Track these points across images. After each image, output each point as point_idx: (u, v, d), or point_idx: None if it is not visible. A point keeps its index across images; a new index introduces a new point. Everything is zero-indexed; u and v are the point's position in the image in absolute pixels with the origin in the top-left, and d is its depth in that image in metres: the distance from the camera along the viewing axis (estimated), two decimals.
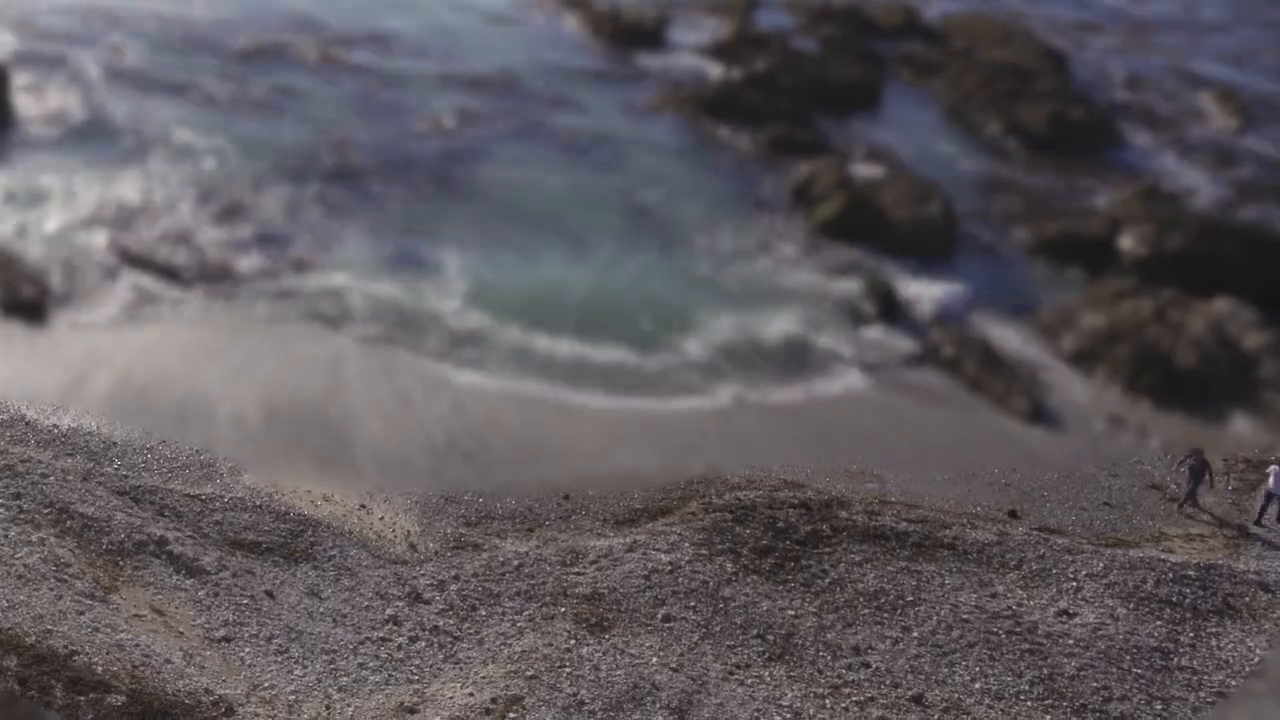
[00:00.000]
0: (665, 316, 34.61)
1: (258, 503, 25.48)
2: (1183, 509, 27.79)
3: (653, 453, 28.91)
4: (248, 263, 35.01)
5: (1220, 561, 26.08)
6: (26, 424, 27.23)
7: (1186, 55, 59.38)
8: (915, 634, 23.42)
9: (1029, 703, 22.15)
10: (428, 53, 50.11)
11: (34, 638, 19.98)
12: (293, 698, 20.85)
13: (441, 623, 23.05)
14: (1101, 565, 25.40)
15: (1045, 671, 22.79)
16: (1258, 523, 27.27)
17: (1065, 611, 24.21)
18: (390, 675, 21.70)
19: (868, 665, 22.67)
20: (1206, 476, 27.58)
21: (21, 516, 23.19)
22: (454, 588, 23.84)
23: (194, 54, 47.48)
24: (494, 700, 20.92)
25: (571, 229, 38.22)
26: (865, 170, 43.36)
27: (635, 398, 31.30)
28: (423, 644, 22.52)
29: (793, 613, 23.73)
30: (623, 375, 32.18)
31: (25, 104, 42.06)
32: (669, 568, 24.47)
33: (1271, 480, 27.08)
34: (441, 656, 22.26)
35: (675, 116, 46.48)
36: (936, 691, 22.20)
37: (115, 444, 27.10)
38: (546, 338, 32.93)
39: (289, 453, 27.73)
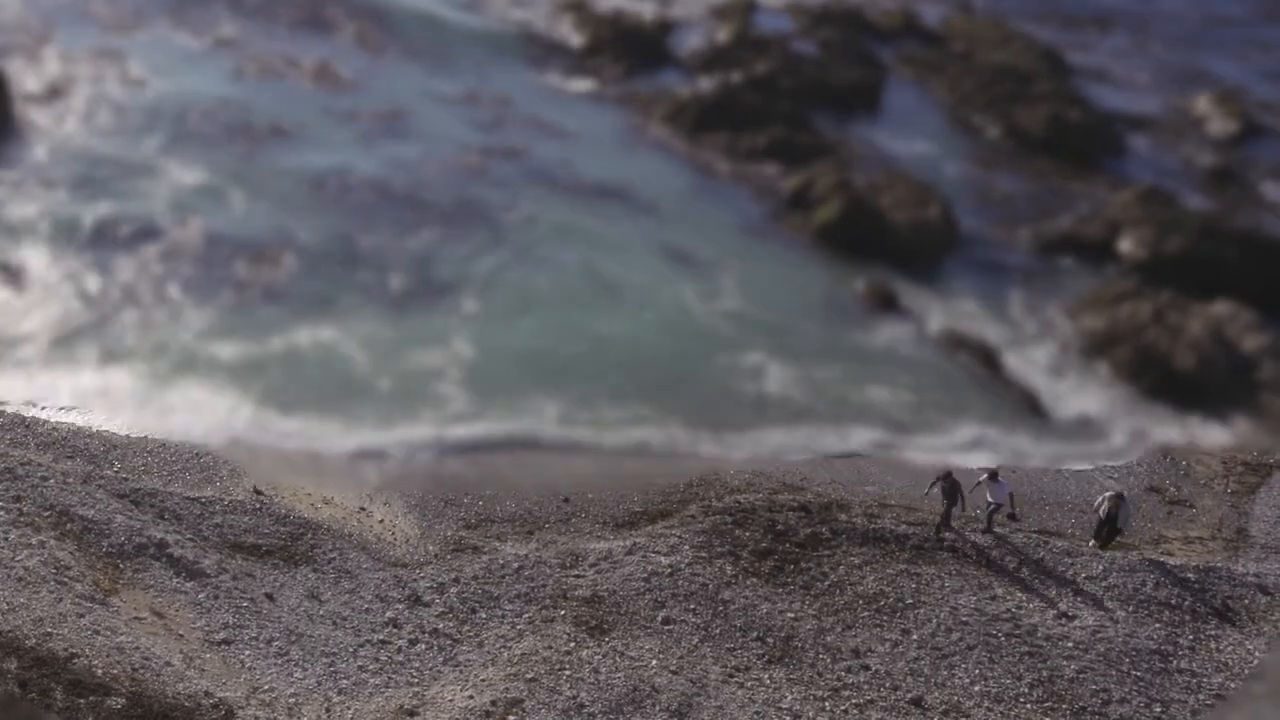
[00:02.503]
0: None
1: (258, 505, 25.50)
2: (939, 533, 26.06)
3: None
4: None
5: (1219, 564, 26.11)
6: (26, 427, 27.26)
7: (1190, 56, 59.38)
8: (915, 636, 23.43)
9: (1028, 705, 22.17)
10: (424, 70, 49.63)
11: (34, 640, 19.99)
12: (292, 700, 20.87)
13: (441, 625, 23.08)
14: (1101, 568, 25.42)
15: (1045, 674, 22.81)
16: (987, 530, 26.14)
17: (1064, 614, 24.23)
18: (390, 678, 21.73)
19: (867, 668, 22.69)
20: (959, 498, 25.91)
21: (22, 519, 23.21)
22: (454, 590, 23.88)
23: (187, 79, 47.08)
24: (494, 703, 20.94)
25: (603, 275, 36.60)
26: (864, 173, 43.37)
27: None
28: (422, 646, 22.54)
29: (792, 615, 23.75)
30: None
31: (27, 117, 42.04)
32: (669, 570, 24.49)
33: (988, 491, 26.00)
34: (441, 659, 22.29)
35: (677, 124, 46.39)
36: (936, 694, 22.22)
37: (115, 447, 27.13)
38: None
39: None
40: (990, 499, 26.09)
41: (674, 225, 39.62)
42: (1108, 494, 26.56)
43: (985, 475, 26.19)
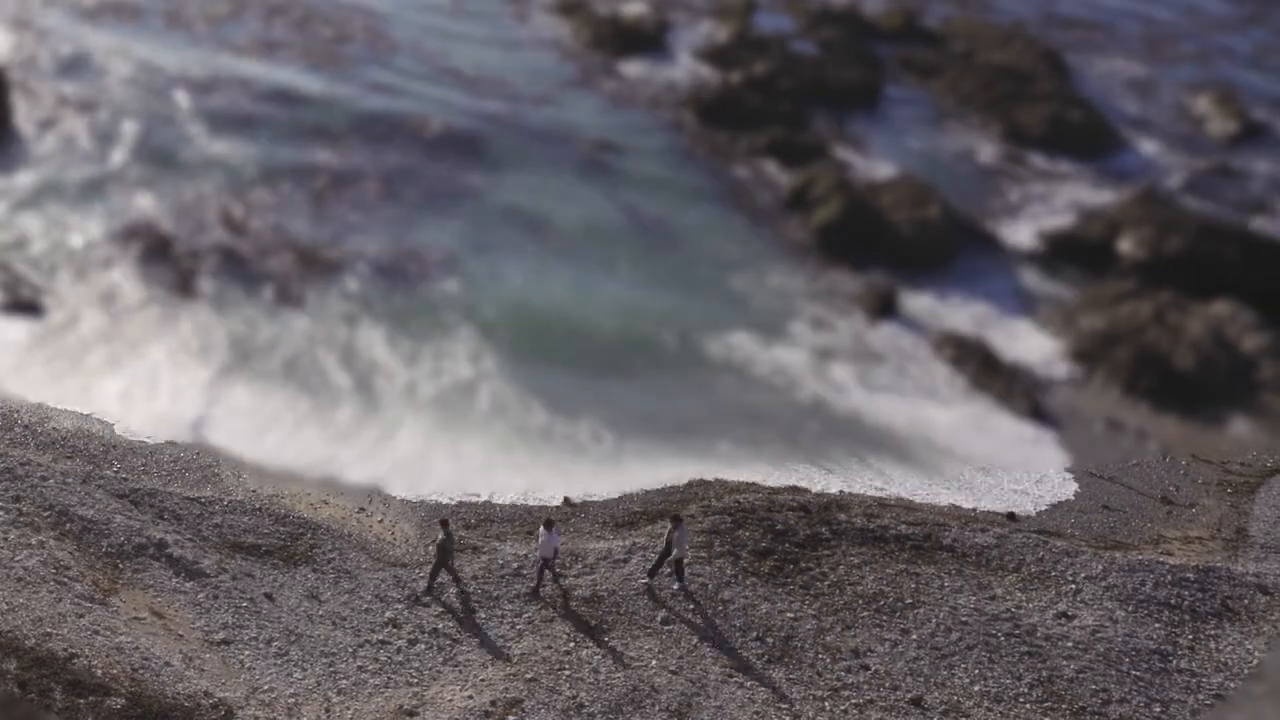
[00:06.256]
0: None
1: (257, 506, 25.51)
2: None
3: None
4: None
5: (1219, 564, 26.10)
6: (26, 427, 27.27)
7: (1191, 56, 59.40)
8: (914, 636, 23.44)
9: (1028, 705, 22.17)
10: (427, 63, 49.84)
11: (34, 641, 20.01)
12: (292, 700, 20.88)
13: (441, 625, 23.09)
14: (1100, 568, 25.42)
15: (1044, 674, 22.81)
16: (535, 589, 23.80)
17: (1064, 614, 24.23)
18: (389, 678, 21.74)
19: (867, 668, 22.69)
20: (449, 547, 23.78)
21: (21, 519, 23.23)
22: (453, 590, 23.88)
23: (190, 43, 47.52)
24: (493, 703, 20.96)
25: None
26: (864, 173, 43.39)
27: None
28: (422, 647, 22.55)
29: (792, 615, 23.75)
30: None
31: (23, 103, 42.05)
32: (669, 570, 24.49)
33: (540, 541, 23.69)
34: (441, 659, 22.30)
35: (676, 122, 46.44)
36: (936, 694, 22.22)
37: (115, 447, 27.13)
38: None
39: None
40: (541, 552, 23.72)
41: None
42: (669, 518, 24.54)
43: (543, 527, 23.79)
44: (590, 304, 35.05)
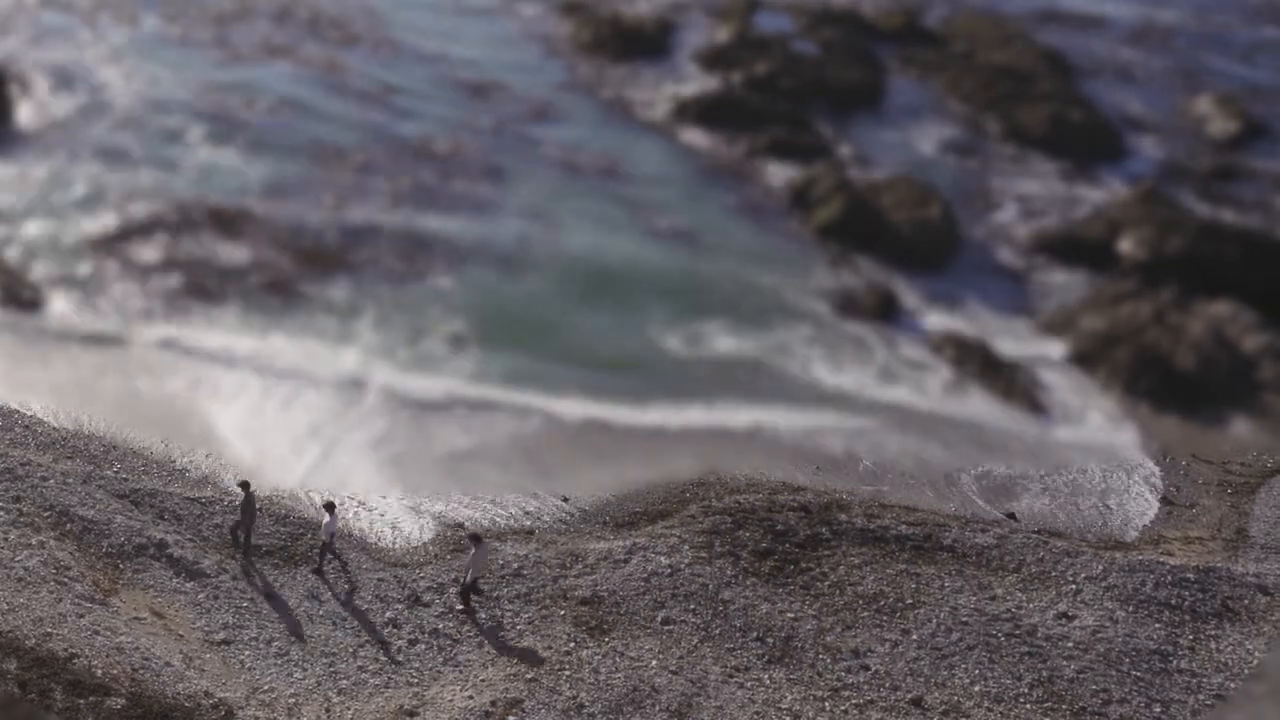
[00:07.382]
0: None
1: (257, 506, 25.48)
2: (236, 552, 24.03)
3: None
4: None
5: (1219, 564, 26.10)
6: (26, 427, 27.27)
7: (1191, 54, 59.35)
8: (915, 637, 23.45)
9: (1028, 705, 22.18)
10: (424, 61, 49.93)
11: (34, 641, 20.02)
12: (292, 700, 20.90)
13: (441, 625, 23.10)
14: (1101, 568, 25.43)
15: (1044, 674, 22.83)
16: (318, 570, 23.94)
17: (1064, 614, 24.24)
18: (390, 678, 21.76)
19: (867, 668, 22.70)
20: (250, 517, 23.82)
21: (22, 520, 23.24)
22: (454, 590, 23.89)
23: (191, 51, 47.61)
24: (493, 703, 20.97)
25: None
26: (865, 173, 43.39)
27: None
28: (422, 647, 22.56)
29: (792, 615, 23.76)
30: None
31: (24, 105, 42.07)
32: (669, 570, 24.51)
33: (323, 524, 23.79)
34: (441, 659, 22.31)
35: (676, 123, 46.45)
36: (936, 694, 22.24)
37: (115, 447, 27.13)
38: None
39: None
40: (325, 537, 23.82)
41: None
42: (470, 537, 23.92)
43: (328, 509, 23.86)
44: (587, 303, 35.05)
